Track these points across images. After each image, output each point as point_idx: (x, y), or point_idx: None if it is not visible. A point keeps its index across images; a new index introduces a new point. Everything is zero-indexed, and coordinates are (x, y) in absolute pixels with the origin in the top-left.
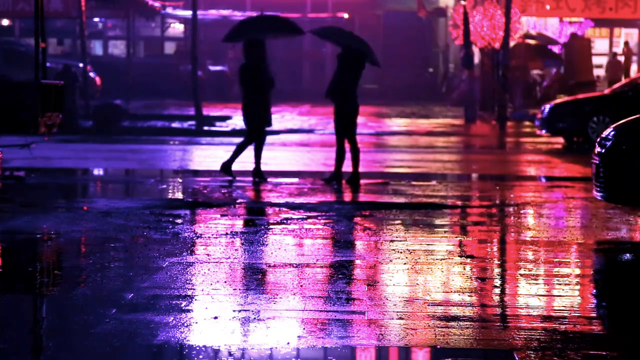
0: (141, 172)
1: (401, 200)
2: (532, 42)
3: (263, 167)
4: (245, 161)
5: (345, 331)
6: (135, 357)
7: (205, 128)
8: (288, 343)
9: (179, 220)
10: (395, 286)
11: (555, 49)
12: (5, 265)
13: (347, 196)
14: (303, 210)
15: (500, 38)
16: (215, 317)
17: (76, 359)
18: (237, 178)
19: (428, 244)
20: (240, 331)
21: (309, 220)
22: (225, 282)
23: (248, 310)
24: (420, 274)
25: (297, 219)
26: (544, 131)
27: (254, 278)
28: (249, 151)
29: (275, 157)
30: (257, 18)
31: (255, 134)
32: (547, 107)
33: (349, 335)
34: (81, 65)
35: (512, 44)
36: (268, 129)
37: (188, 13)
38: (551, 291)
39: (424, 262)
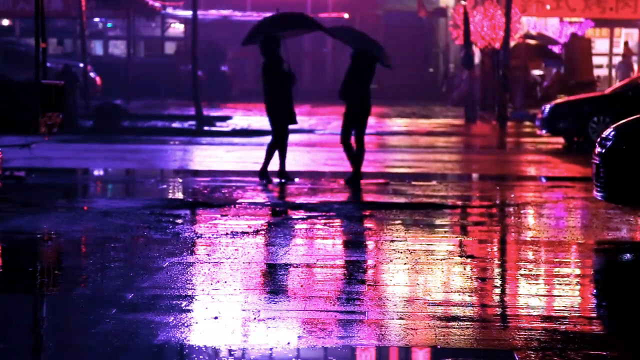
0: (141, 172)
1: (401, 200)
2: (532, 42)
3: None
4: (246, 161)
5: (345, 331)
6: (135, 357)
7: (206, 128)
8: (288, 343)
9: (179, 220)
10: (395, 286)
11: (556, 49)
12: (5, 265)
13: (348, 196)
14: (303, 210)
15: (501, 38)
16: (216, 317)
17: (76, 358)
18: (238, 178)
19: (428, 244)
20: (241, 331)
21: (309, 220)
22: (225, 282)
23: (248, 310)
24: (421, 274)
25: (297, 219)
26: (544, 131)
27: (254, 278)
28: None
29: (275, 157)
30: (272, 17)
31: (281, 133)
32: (548, 107)
33: (349, 335)
34: (81, 65)
35: (512, 44)
36: (291, 126)
37: (188, 13)
38: (551, 291)
39: (425, 262)
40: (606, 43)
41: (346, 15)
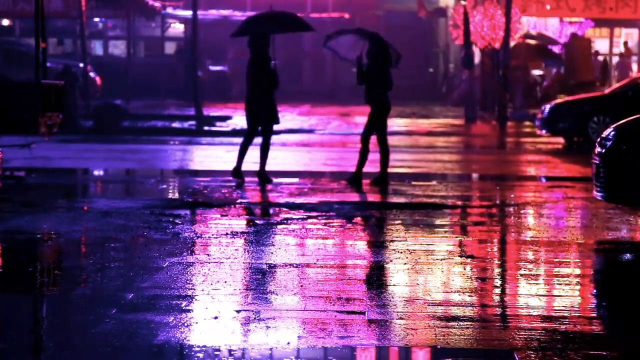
0: (141, 172)
1: (401, 200)
2: (532, 42)
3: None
4: (245, 161)
5: (345, 331)
6: (135, 357)
7: (206, 128)
8: (288, 343)
9: (179, 220)
10: (395, 286)
11: (556, 49)
12: (5, 265)
13: (347, 196)
14: (303, 210)
15: (501, 38)
16: (216, 317)
17: (76, 358)
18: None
19: (428, 244)
20: (241, 331)
21: (309, 220)
22: (225, 282)
23: (248, 310)
24: (421, 274)
25: (297, 219)
26: (544, 131)
27: (254, 278)
28: (256, 150)
29: (275, 157)
30: (264, 14)
31: (254, 131)
32: (548, 107)
33: (349, 335)
34: (81, 65)
35: (512, 44)
36: (275, 126)
37: (188, 13)
38: (551, 291)
39: (424, 262)
40: (606, 43)
41: (346, 16)
